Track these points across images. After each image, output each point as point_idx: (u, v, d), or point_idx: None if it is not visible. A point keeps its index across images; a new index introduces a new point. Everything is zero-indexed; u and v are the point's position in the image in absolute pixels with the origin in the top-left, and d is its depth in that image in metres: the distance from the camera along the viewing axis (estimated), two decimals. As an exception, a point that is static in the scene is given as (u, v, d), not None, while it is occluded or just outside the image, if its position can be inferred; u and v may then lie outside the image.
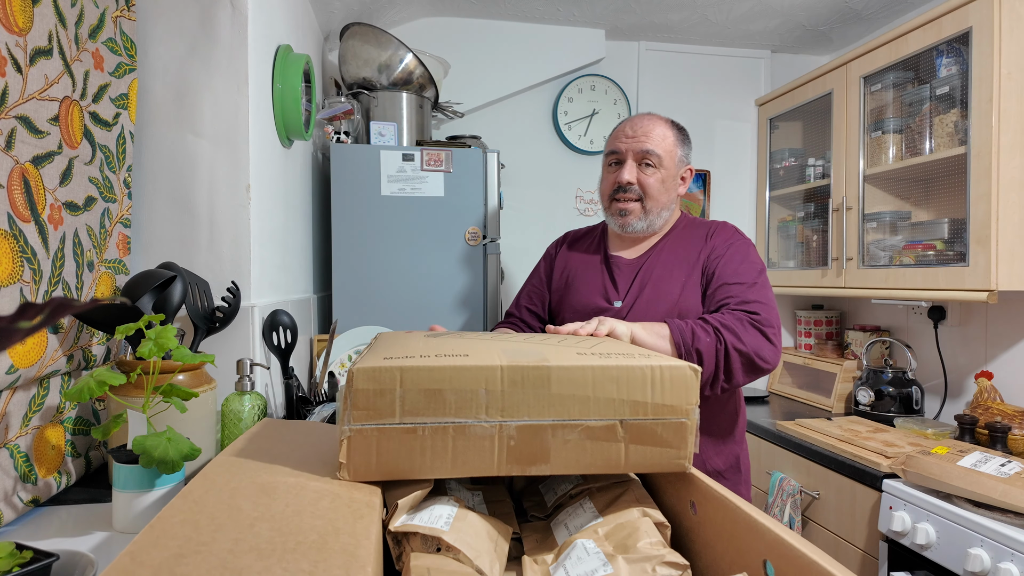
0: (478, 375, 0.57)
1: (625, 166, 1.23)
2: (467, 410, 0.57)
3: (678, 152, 1.26)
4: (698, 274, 1.22)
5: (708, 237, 1.25)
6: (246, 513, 0.47)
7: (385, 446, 0.55)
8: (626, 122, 1.28)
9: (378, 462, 0.56)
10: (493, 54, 2.46)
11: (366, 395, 0.54)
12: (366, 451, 0.55)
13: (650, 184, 1.23)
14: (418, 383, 0.55)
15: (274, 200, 1.43)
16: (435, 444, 0.56)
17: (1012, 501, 1.23)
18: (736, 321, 1.08)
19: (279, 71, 1.41)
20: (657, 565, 0.51)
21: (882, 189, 2.03)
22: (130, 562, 0.39)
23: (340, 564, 0.41)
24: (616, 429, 0.60)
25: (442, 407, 0.56)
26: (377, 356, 0.58)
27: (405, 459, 0.56)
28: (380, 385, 0.55)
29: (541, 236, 2.61)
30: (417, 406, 0.55)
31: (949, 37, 1.68)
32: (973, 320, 1.93)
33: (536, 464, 0.59)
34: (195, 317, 1.07)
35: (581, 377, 0.59)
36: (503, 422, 0.57)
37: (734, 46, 2.66)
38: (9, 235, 0.77)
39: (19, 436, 0.82)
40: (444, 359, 0.58)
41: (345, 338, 1.72)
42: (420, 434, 0.56)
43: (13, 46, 0.78)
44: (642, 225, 1.25)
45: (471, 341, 0.71)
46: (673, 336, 1.04)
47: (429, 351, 0.61)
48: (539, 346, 0.69)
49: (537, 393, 0.58)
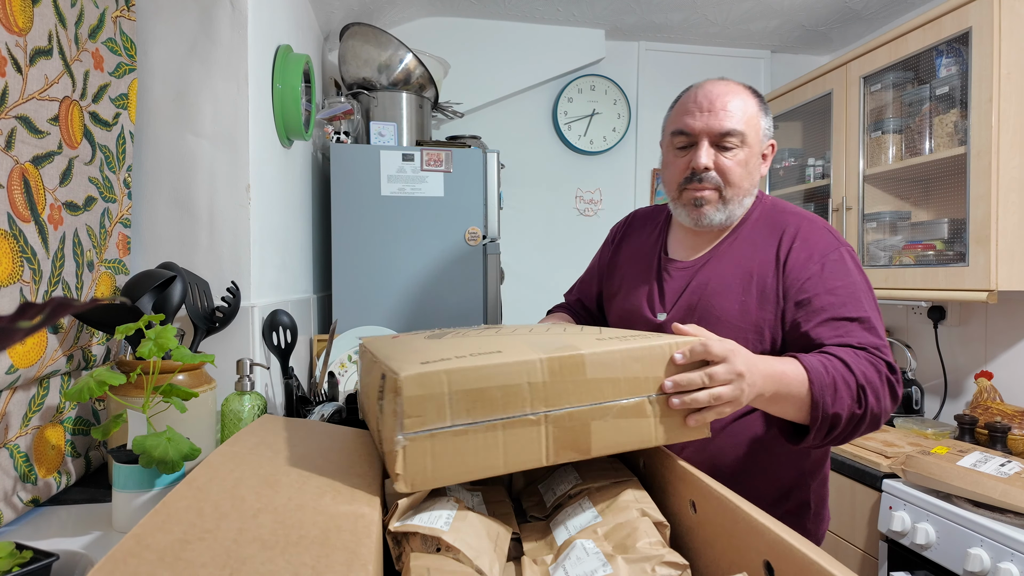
0: (520, 370, 0.57)
1: (700, 148, 0.98)
2: (513, 405, 0.57)
3: (762, 124, 1.01)
4: (768, 292, 0.97)
5: (784, 246, 0.98)
6: (249, 504, 0.47)
7: (439, 451, 0.54)
8: (696, 91, 1.01)
9: (433, 468, 0.54)
10: (493, 54, 2.46)
11: (416, 401, 0.53)
12: (421, 459, 0.53)
13: (731, 169, 0.98)
14: (465, 383, 0.55)
15: (274, 200, 1.43)
16: (487, 442, 0.56)
17: (1012, 501, 1.23)
18: (876, 376, 0.86)
19: (279, 71, 1.41)
20: (656, 565, 0.51)
21: (882, 189, 2.03)
22: (135, 544, 0.39)
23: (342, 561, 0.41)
24: (645, 406, 0.64)
25: (490, 405, 0.56)
26: (411, 362, 0.57)
27: (459, 461, 0.55)
28: (428, 390, 0.53)
29: (541, 236, 2.61)
30: (466, 407, 0.55)
31: (949, 37, 1.68)
32: (973, 320, 1.93)
33: (580, 449, 0.61)
34: (195, 317, 1.07)
35: (611, 360, 0.62)
36: (548, 412, 0.58)
37: (734, 46, 2.66)
38: (9, 235, 0.77)
39: (19, 436, 0.82)
40: (482, 358, 0.58)
41: (345, 338, 1.71)
42: (471, 434, 0.55)
43: (13, 46, 0.78)
44: (721, 217, 1.01)
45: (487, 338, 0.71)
46: (813, 392, 0.82)
47: (460, 351, 0.61)
48: (554, 336, 0.71)
49: (575, 380, 0.60)
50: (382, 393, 0.59)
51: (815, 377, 0.82)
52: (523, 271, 2.60)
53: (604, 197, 2.66)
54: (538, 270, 2.61)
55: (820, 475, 1.06)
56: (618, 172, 2.66)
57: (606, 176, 2.66)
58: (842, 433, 0.86)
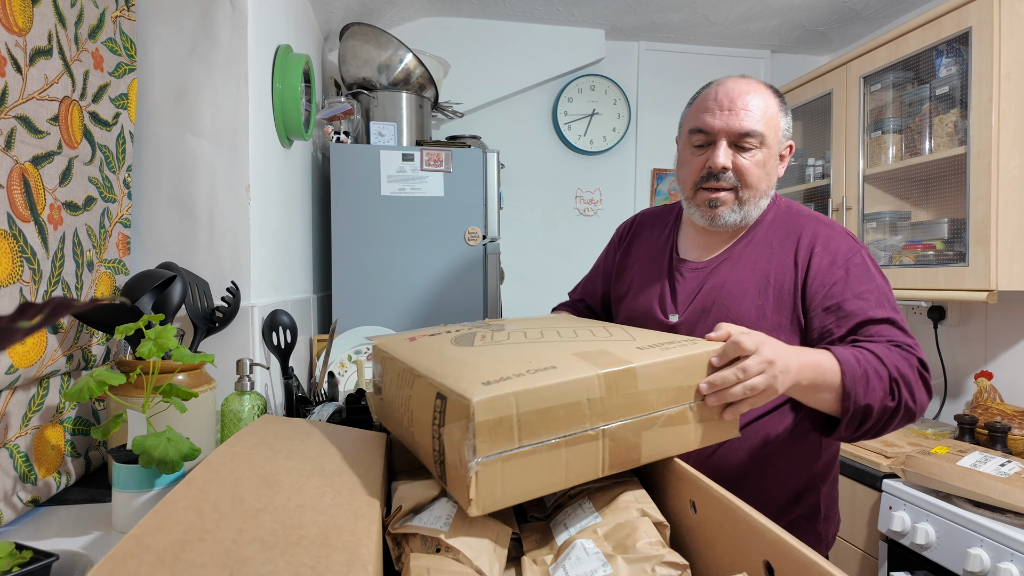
0: (580, 387, 0.58)
1: (718, 148, 0.96)
2: (575, 422, 0.57)
3: (781, 125, 0.99)
4: (786, 297, 0.97)
5: (803, 250, 0.97)
6: (249, 504, 0.47)
7: (508, 473, 0.54)
8: (716, 88, 0.99)
9: (503, 490, 0.54)
10: (493, 54, 2.46)
11: (489, 426, 0.52)
12: (492, 482, 0.53)
13: (749, 170, 0.97)
14: (532, 404, 0.55)
15: (274, 200, 1.43)
16: (551, 461, 0.56)
17: (1012, 501, 1.23)
18: (910, 370, 0.86)
19: (279, 71, 1.41)
20: (656, 565, 0.51)
21: (882, 189, 2.03)
22: (135, 545, 0.39)
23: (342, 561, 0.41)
24: (687, 413, 0.66)
25: (554, 424, 0.56)
26: (472, 383, 0.56)
27: (526, 481, 0.55)
28: (499, 414, 0.53)
29: (541, 236, 2.61)
30: (533, 427, 0.55)
31: (949, 37, 1.68)
32: (973, 320, 1.93)
33: (631, 459, 0.62)
34: (195, 317, 1.07)
35: (658, 372, 0.64)
36: (605, 427, 0.59)
37: (734, 46, 2.66)
38: (9, 235, 0.76)
39: (19, 436, 0.82)
40: (541, 375, 0.57)
41: (345, 338, 1.71)
42: (537, 454, 0.55)
43: (13, 46, 0.78)
44: (736, 218, 1.00)
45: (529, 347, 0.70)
46: (845, 383, 0.82)
47: (515, 366, 0.60)
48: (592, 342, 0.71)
49: (628, 394, 0.61)
50: (440, 415, 0.57)
51: (847, 368, 0.82)
52: (523, 271, 2.60)
53: (604, 197, 2.66)
54: (538, 270, 2.61)
55: (830, 478, 1.06)
56: (618, 172, 2.66)
57: (606, 176, 2.66)
58: (875, 426, 0.86)
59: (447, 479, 0.57)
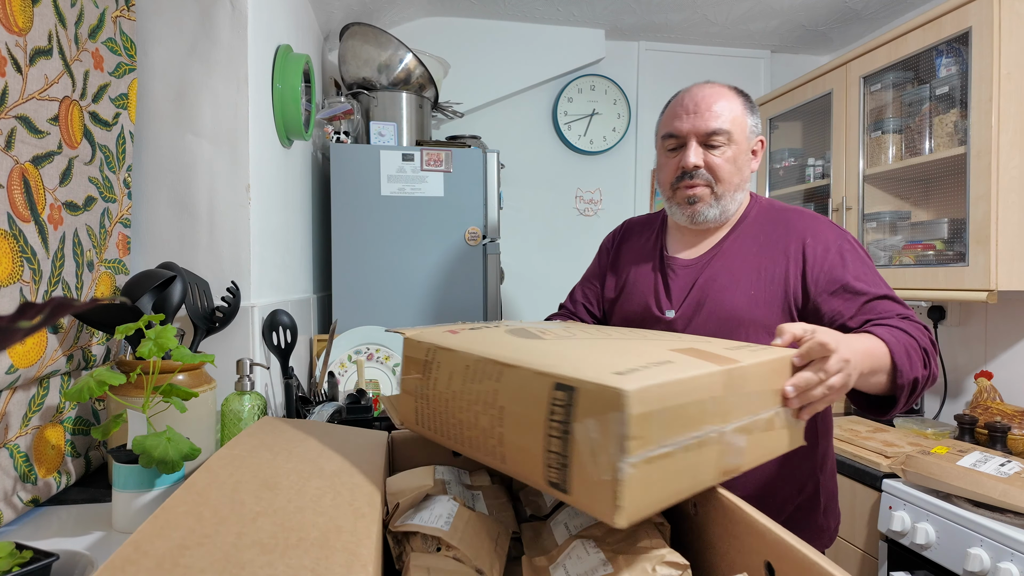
0: (707, 383, 0.52)
1: (689, 149, 1.04)
2: (702, 423, 0.51)
3: (748, 122, 1.06)
4: (778, 287, 1.01)
5: (794, 243, 1.03)
6: (249, 507, 0.47)
7: (653, 477, 0.47)
8: (683, 96, 1.06)
9: (646, 496, 0.47)
10: (493, 54, 2.46)
11: (641, 421, 0.45)
12: (640, 487, 0.46)
13: (720, 166, 1.03)
14: (671, 400, 0.48)
15: (274, 200, 1.43)
16: (682, 465, 0.50)
17: (1012, 501, 1.23)
18: (928, 340, 0.92)
19: (279, 71, 1.41)
20: (657, 565, 0.51)
21: (882, 189, 2.03)
22: (134, 551, 0.39)
23: (342, 562, 0.41)
24: (775, 419, 0.63)
25: (686, 423, 0.50)
26: (600, 371, 0.48)
27: (661, 488, 0.48)
28: (648, 407, 0.46)
29: (541, 236, 2.61)
30: (669, 427, 0.48)
31: (949, 37, 1.68)
32: (973, 320, 1.93)
33: (735, 467, 0.57)
34: (195, 317, 1.07)
35: (760, 373, 0.60)
36: (723, 429, 0.54)
37: (734, 46, 2.66)
38: (9, 235, 0.76)
39: (19, 436, 0.82)
40: (663, 369, 0.50)
41: (345, 338, 1.71)
42: (673, 457, 0.49)
43: (13, 46, 0.78)
44: (714, 213, 1.06)
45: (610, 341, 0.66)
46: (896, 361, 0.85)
47: (630, 360, 0.53)
48: (684, 342, 0.67)
49: (739, 395, 0.56)
50: (566, 410, 0.48)
51: (894, 348, 0.86)
52: (523, 271, 2.60)
53: (604, 197, 2.66)
54: (538, 270, 2.61)
55: (827, 468, 1.10)
56: (618, 172, 2.66)
57: (606, 176, 2.66)
58: (917, 396, 0.90)
59: (570, 485, 0.48)
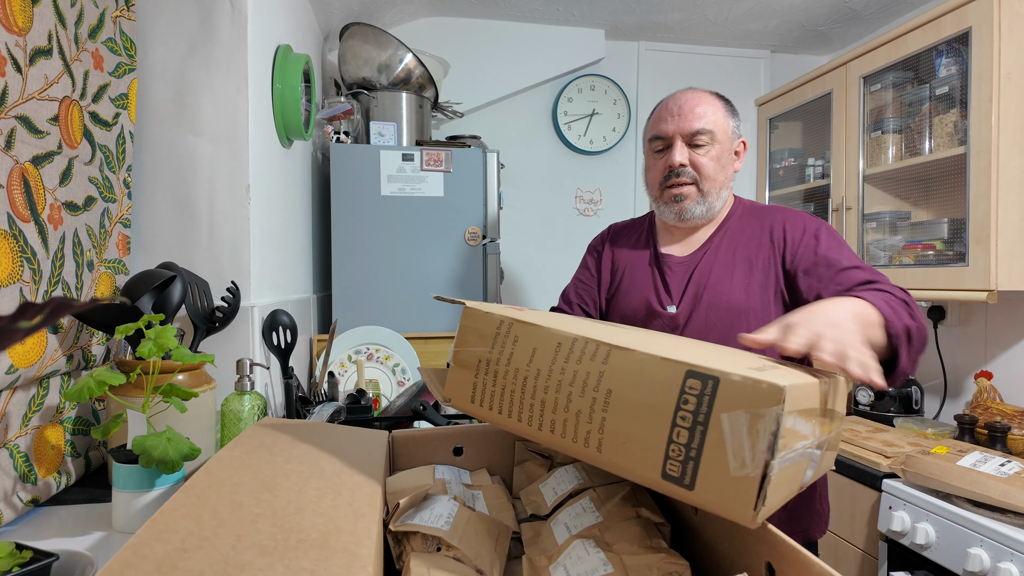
0: (815, 392, 0.51)
1: (675, 148, 1.11)
2: (812, 432, 0.50)
3: (729, 124, 1.13)
4: (769, 273, 1.08)
5: (777, 229, 1.10)
6: (248, 509, 0.47)
7: (781, 480, 0.46)
8: (668, 101, 1.14)
9: (774, 497, 0.45)
10: (493, 54, 2.46)
11: (788, 420, 0.44)
12: (774, 487, 0.44)
13: (705, 164, 1.10)
14: (800, 403, 0.47)
15: (274, 200, 1.43)
16: (792, 472, 0.49)
17: (1012, 501, 1.23)
18: (903, 294, 0.93)
19: (279, 71, 1.41)
20: (657, 565, 0.51)
21: (882, 189, 2.03)
22: (132, 555, 0.39)
23: (342, 563, 0.41)
24: (834, 439, 0.61)
25: (802, 432, 0.48)
26: (736, 367, 0.47)
27: (778, 493, 0.46)
28: (794, 407, 0.45)
29: (541, 236, 2.61)
30: (796, 431, 0.47)
31: (949, 37, 1.68)
32: (973, 320, 1.93)
33: (810, 481, 0.56)
34: (195, 317, 1.07)
35: (826, 392, 0.57)
36: (817, 440, 0.53)
37: (734, 46, 2.66)
38: (9, 235, 0.76)
39: (19, 436, 0.82)
40: (782, 372, 0.49)
41: (345, 338, 1.71)
42: (795, 464, 0.48)
43: (13, 46, 0.78)
44: (701, 210, 1.12)
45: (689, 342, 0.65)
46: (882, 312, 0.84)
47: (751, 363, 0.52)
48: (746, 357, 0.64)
49: (826, 410, 0.55)
50: (702, 401, 0.46)
51: (871, 299, 0.85)
52: (523, 271, 2.60)
53: (604, 197, 2.66)
54: (538, 270, 2.61)
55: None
56: (618, 172, 2.66)
57: (606, 176, 2.66)
58: (918, 347, 0.87)
59: (696, 480, 0.46)
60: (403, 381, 1.70)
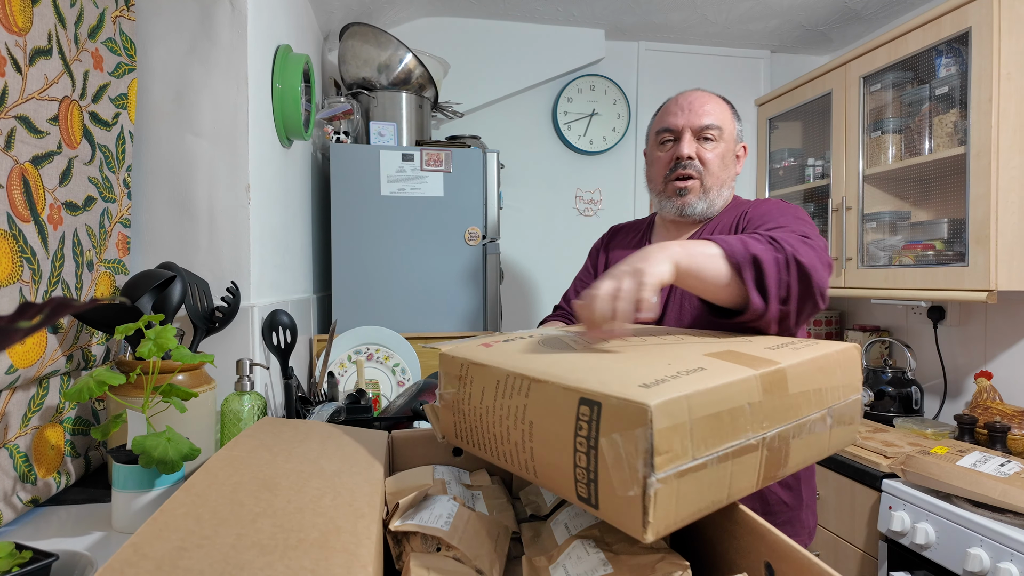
0: (741, 389, 0.52)
1: (684, 140, 1.11)
2: (739, 430, 0.51)
3: (735, 126, 1.16)
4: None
5: (745, 214, 1.11)
6: (248, 508, 0.47)
7: (683, 490, 0.46)
8: (677, 97, 1.16)
9: (676, 511, 0.46)
10: (493, 54, 2.46)
11: (667, 435, 0.45)
12: (668, 502, 0.46)
13: (711, 160, 1.11)
14: (703, 409, 0.48)
15: (274, 200, 1.43)
16: (718, 476, 0.50)
17: (1011, 501, 1.23)
18: (790, 235, 0.88)
19: (279, 71, 1.41)
20: (656, 565, 0.51)
21: (881, 189, 2.03)
22: (133, 554, 0.39)
23: (341, 563, 0.41)
24: (826, 418, 0.62)
25: (721, 432, 0.50)
26: (628, 385, 0.48)
27: (694, 499, 0.48)
28: (675, 420, 0.46)
29: (541, 236, 2.61)
30: (703, 436, 0.48)
31: (948, 37, 1.68)
32: (972, 320, 1.93)
33: (778, 472, 0.57)
34: (195, 317, 1.07)
35: (802, 373, 0.59)
36: (764, 435, 0.54)
37: (734, 46, 2.66)
38: (9, 235, 0.76)
39: (18, 436, 0.82)
40: (696, 377, 0.51)
41: (345, 338, 1.71)
42: (708, 468, 0.48)
43: (13, 46, 0.78)
44: (702, 206, 1.13)
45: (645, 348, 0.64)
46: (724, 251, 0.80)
47: (660, 370, 0.53)
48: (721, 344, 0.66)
49: (781, 398, 0.56)
50: (591, 426, 0.48)
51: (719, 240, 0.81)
52: (523, 271, 2.60)
53: (604, 197, 2.66)
54: (538, 270, 2.61)
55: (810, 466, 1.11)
56: (618, 172, 2.67)
57: (606, 176, 2.66)
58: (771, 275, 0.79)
59: (599, 501, 0.48)
60: (403, 381, 1.70)
